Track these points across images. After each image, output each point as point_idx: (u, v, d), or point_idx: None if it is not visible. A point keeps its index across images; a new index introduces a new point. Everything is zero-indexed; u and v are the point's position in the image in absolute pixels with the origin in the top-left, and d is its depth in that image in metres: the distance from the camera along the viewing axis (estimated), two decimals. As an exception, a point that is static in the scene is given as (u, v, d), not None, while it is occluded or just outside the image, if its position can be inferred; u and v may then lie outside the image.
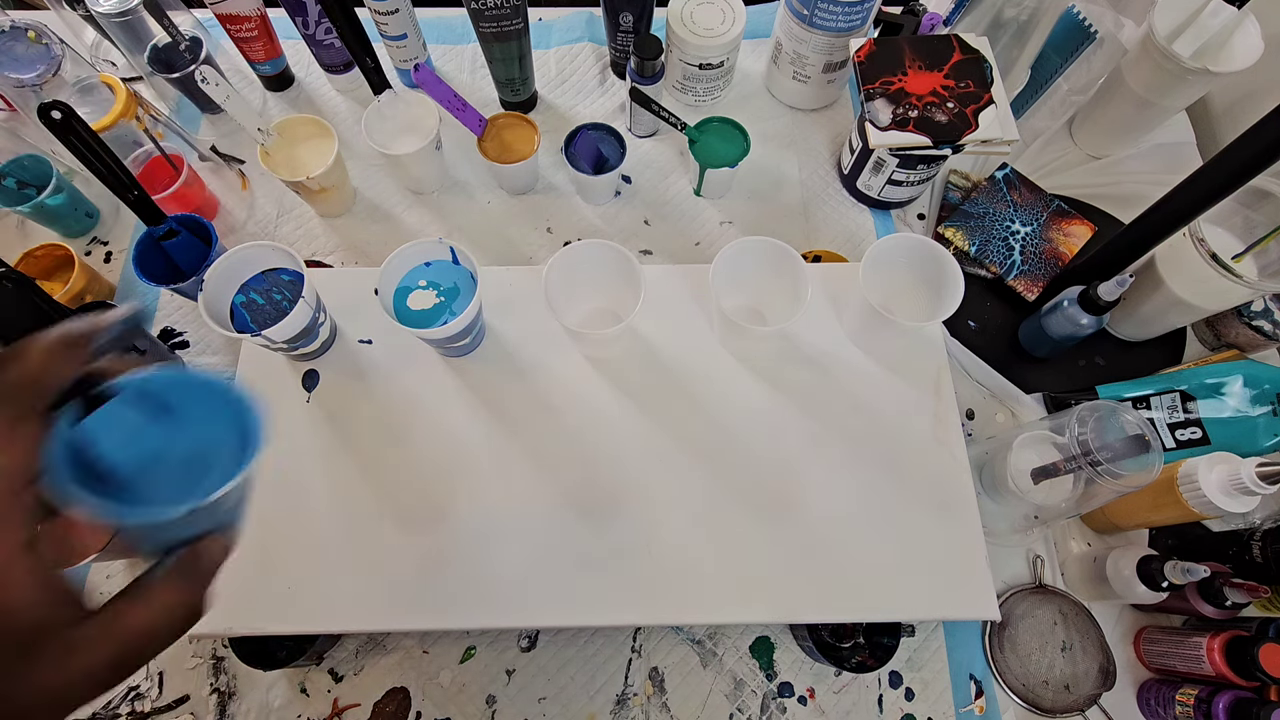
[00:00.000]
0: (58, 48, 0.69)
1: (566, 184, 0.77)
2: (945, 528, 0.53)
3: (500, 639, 0.59)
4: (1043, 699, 0.57)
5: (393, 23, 0.73)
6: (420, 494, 0.53)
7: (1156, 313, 0.65)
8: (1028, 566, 0.62)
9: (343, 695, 0.57)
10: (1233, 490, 0.50)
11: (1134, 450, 0.48)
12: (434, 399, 0.56)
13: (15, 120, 0.73)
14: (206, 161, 0.74)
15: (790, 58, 0.76)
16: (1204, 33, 0.63)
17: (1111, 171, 0.79)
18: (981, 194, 0.73)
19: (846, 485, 0.54)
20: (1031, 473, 0.54)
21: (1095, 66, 0.75)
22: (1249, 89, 0.77)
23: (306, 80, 0.82)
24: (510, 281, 0.60)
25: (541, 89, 0.82)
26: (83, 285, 0.66)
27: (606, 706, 0.57)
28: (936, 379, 0.57)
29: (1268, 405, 0.62)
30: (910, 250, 0.55)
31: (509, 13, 0.67)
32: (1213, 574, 0.54)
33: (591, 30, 0.85)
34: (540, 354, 0.58)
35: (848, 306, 0.59)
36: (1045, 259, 0.70)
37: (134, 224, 0.75)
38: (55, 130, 0.50)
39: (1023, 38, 0.68)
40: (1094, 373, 0.69)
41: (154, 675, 0.57)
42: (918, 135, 0.62)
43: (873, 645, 0.56)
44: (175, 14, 0.71)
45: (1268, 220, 0.59)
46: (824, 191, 0.77)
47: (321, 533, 0.52)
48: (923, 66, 0.64)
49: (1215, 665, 0.52)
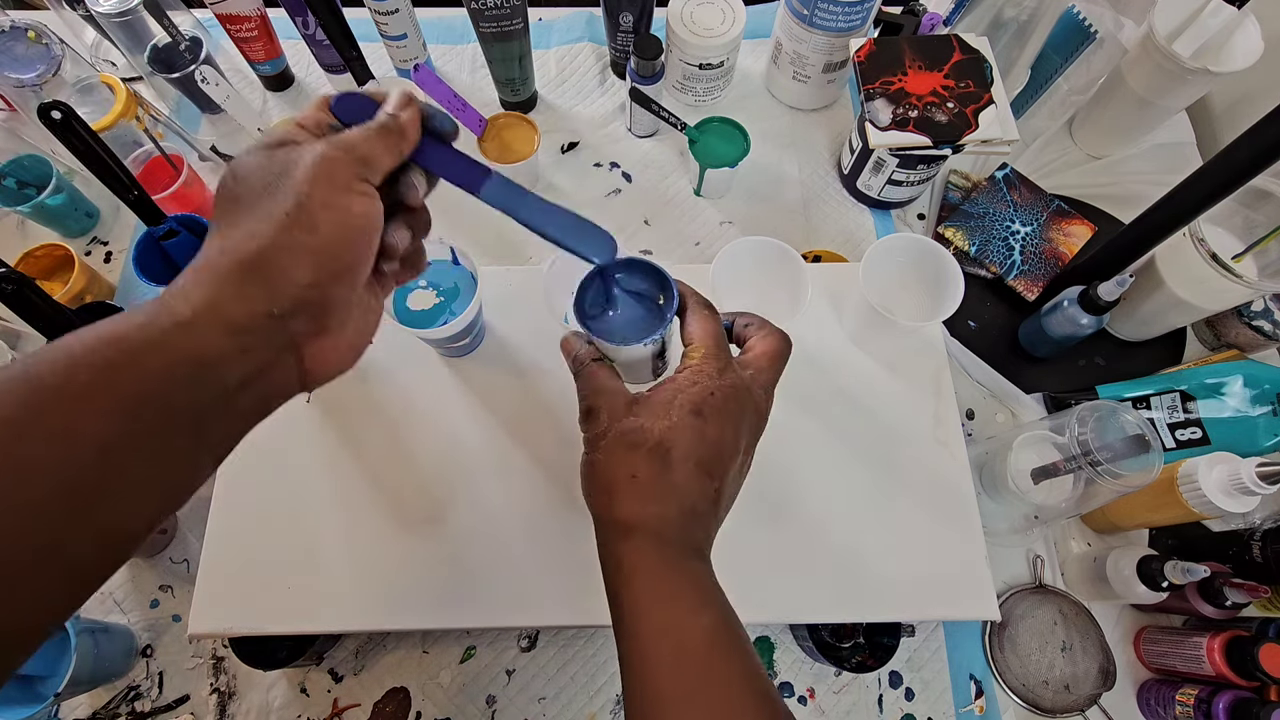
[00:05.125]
0: (58, 48, 0.69)
1: (566, 184, 0.77)
2: (945, 527, 0.53)
3: (500, 639, 0.59)
4: (1043, 699, 0.57)
5: (393, 23, 0.73)
6: (420, 493, 0.53)
7: (1156, 313, 0.65)
8: (1028, 566, 0.62)
9: (343, 695, 0.57)
10: (1233, 490, 0.50)
11: (1134, 450, 0.48)
12: (434, 399, 0.56)
13: (15, 120, 0.73)
14: (206, 161, 0.75)
15: (790, 58, 0.76)
16: (1204, 33, 0.63)
17: (1111, 171, 0.79)
18: (981, 194, 0.73)
19: (846, 485, 0.54)
20: (1031, 473, 0.54)
21: (1095, 66, 0.75)
22: (1249, 89, 0.77)
23: (306, 80, 0.82)
24: (510, 281, 0.60)
25: (541, 89, 0.82)
26: (83, 285, 0.66)
27: (606, 706, 0.57)
28: (936, 379, 0.57)
29: (1268, 405, 0.62)
30: (910, 250, 0.55)
31: (509, 13, 0.67)
32: (1213, 574, 0.54)
33: (591, 30, 0.85)
34: (540, 354, 0.58)
35: (848, 306, 0.59)
36: (1045, 259, 0.70)
37: (134, 224, 0.75)
38: (55, 130, 0.50)
39: (1023, 38, 0.68)
40: (1094, 373, 0.69)
41: (154, 675, 0.57)
42: (918, 135, 0.62)
43: (873, 645, 0.56)
44: (175, 14, 0.71)
45: (1268, 220, 0.59)
46: (824, 191, 0.77)
47: (321, 533, 0.52)
48: (923, 66, 0.64)
49: (1215, 665, 0.52)
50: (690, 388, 0.33)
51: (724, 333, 0.36)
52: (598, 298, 0.36)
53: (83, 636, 0.51)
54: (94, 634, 0.53)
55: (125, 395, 0.24)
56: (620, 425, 0.33)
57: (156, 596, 0.60)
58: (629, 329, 0.36)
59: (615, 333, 0.35)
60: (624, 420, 0.33)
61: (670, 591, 0.31)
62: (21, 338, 0.65)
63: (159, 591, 0.60)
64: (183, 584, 0.60)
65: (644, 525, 0.32)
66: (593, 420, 0.34)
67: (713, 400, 0.33)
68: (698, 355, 0.34)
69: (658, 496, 0.32)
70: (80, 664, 0.51)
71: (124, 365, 0.24)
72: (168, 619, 0.59)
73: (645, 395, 0.34)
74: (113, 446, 0.24)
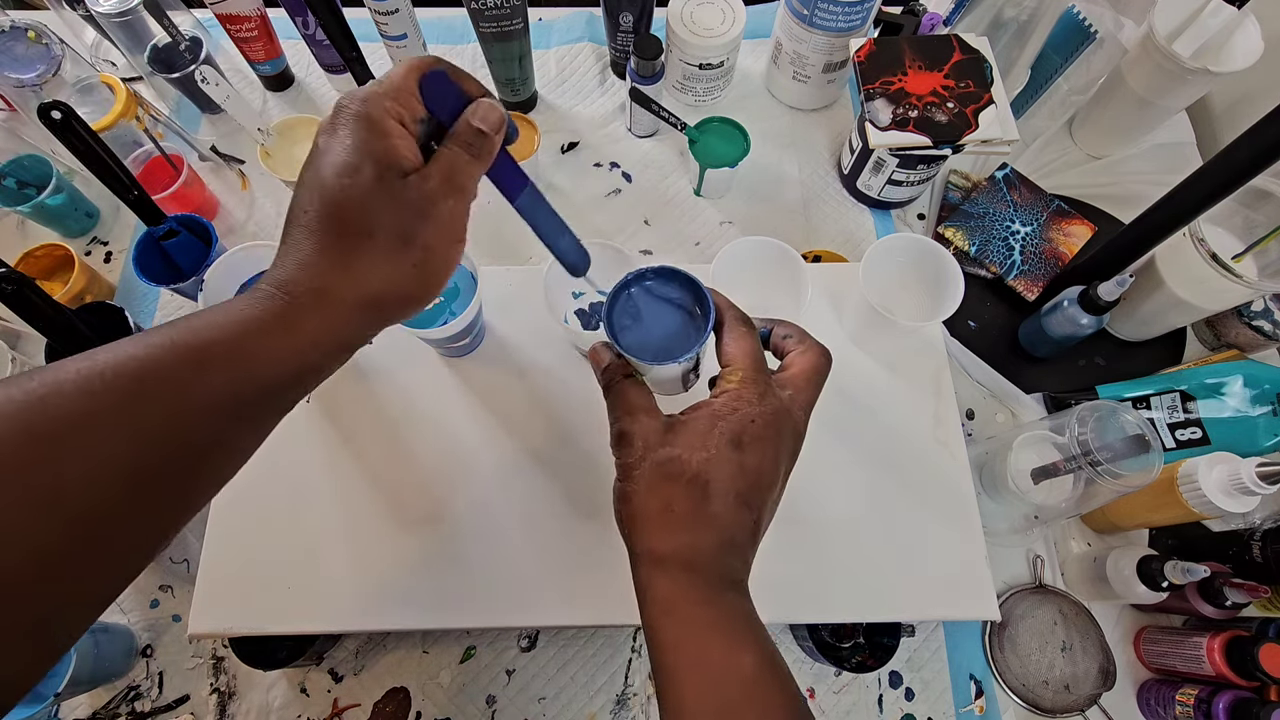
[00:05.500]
0: (58, 48, 0.69)
1: (566, 183, 0.77)
2: (945, 527, 0.53)
3: (500, 639, 0.59)
4: (1043, 699, 0.57)
5: (393, 23, 0.73)
6: (420, 493, 0.53)
7: (1156, 313, 0.65)
8: (1028, 566, 0.62)
9: (343, 695, 0.57)
10: (1233, 490, 0.50)
11: (1134, 450, 0.48)
12: (434, 399, 0.56)
13: (15, 120, 0.73)
14: (206, 161, 0.75)
15: (790, 58, 0.76)
16: (1204, 33, 0.63)
17: (1111, 171, 0.79)
18: (981, 194, 0.73)
19: (846, 485, 0.54)
20: (1031, 473, 0.54)
21: (1095, 66, 0.75)
22: (1249, 89, 0.77)
23: (306, 80, 0.82)
24: (510, 281, 0.60)
25: (541, 89, 0.82)
26: (83, 285, 0.66)
27: (607, 706, 0.57)
28: (936, 379, 0.57)
29: (1268, 405, 0.62)
30: (910, 250, 0.55)
31: (509, 13, 0.67)
32: (1213, 574, 0.54)
33: (591, 30, 0.85)
34: (540, 354, 0.58)
35: (848, 306, 0.59)
36: (1045, 259, 0.70)
37: (134, 224, 0.75)
38: (55, 130, 0.50)
39: (1023, 38, 0.68)
40: (1094, 373, 0.69)
41: (154, 675, 0.57)
42: (918, 135, 0.62)
43: (873, 645, 0.56)
44: (175, 14, 0.71)
45: (1268, 220, 0.59)
46: (824, 191, 0.77)
47: (321, 533, 0.52)
48: (923, 66, 0.64)
49: (1215, 665, 0.52)
50: (729, 415, 0.32)
51: (763, 353, 0.35)
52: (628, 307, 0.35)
53: (83, 637, 0.51)
54: (94, 634, 0.53)
55: (231, 396, 0.28)
56: (656, 455, 0.32)
57: (156, 596, 0.60)
58: (662, 347, 0.34)
59: (648, 349, 0.34)
60: (659, 450, 0.32)
61: (707, 624, 0.30)
62: (21, 338, 0.65)
63: (159, 591, 0.60)
64: (183, 584, 0.60)
65: (680, 557, 0.31)
66: (626, 447, 0.33)
67: (753, 429, 0.32)
68: (735, 379, 0.33)
69: (696, 529, 0.31)
70: (80, 664, 0.51)
71: (244, 379, 0.28)
72: (168, 619, 0.59)
73: (681, 420, 0.33)
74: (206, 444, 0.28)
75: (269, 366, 0.28)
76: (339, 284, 0.29)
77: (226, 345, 0.27)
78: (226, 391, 0.27)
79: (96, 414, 0.24)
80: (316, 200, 0.29)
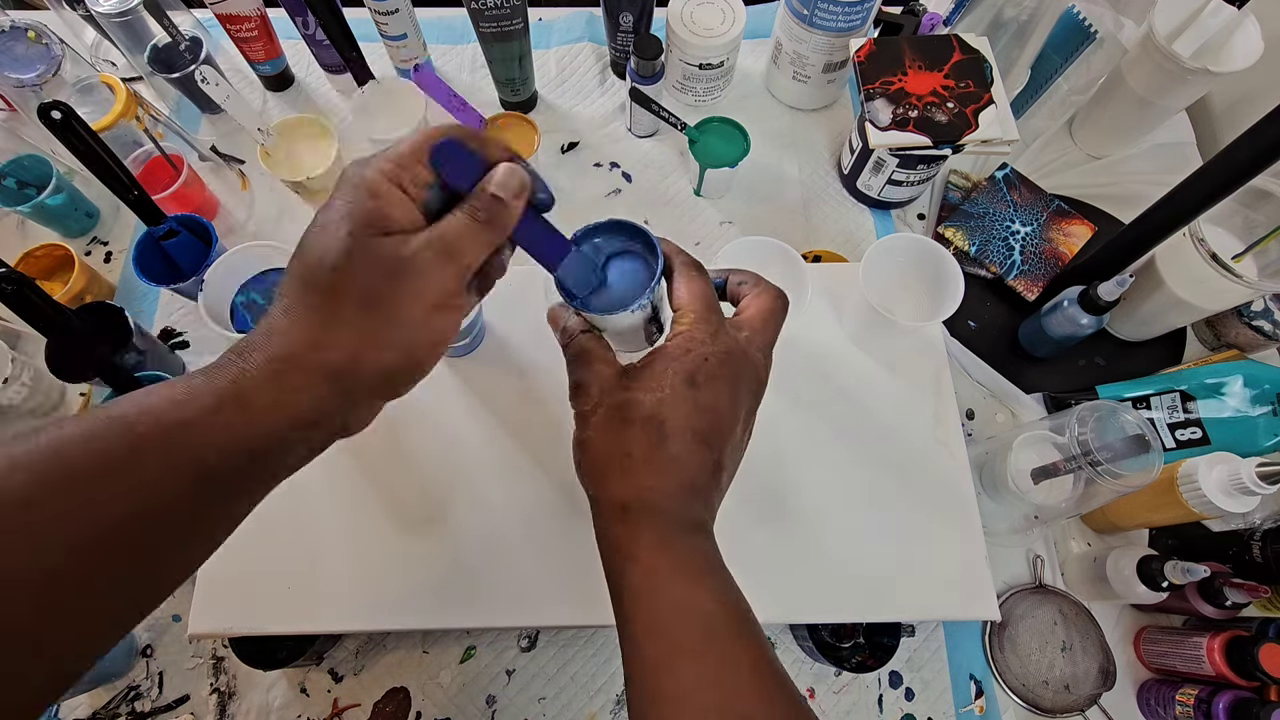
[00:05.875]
0: (58, 48, 0.69)
1: (566, 183, 0.77)
2: (945, 527, 0.53)
3: (500, 639, 0.59)
4: (1043, 699, 0.57)
5: (393, 23, 0.73)
6: (420, 493, 0.53)
7: (1156, 313, 0.65)
8: (1028, 566, 0.62)
9: (343, 695, 0.57)
10: (1233, 490, 0.50)
11: (1134, 450, 0.48)
12: (434, 399, 0.56)
13: (15, 120, 0.73)
14: (206, 161, 0.75)
15: (790, 58, 0.76)
16: (1204, 33, 0.63)
17: (1111, 171, 0.79)
18: (981, 194, 0.73)
19: (846, 485, 0.54)
20: (1031, 473, 0.54)
21: (1095, 66, 0.75)
22: (1249, 89, 0.77)
23: (306, 80, 0.82)
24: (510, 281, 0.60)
25: (541, 89, 0.82)
26: (83, 285, 0.66)
27: (606, 706, 0.57)
28: (936, 379, 0.57)
29: (1268, 405, 0.62)
30: (910, 250, 0.55)
31: (509, 13, 0.67)
32: (1213, 574, 0.54)
33: (591, 30, 0.85)
34: (540, 354, 0.58)
35: (848, 306, 0.59)
36: (1045, 259, 0.70)
37: (134, 224, 0.75)
38: (55, 130, 0.50)
39: (1023, 38, 0.68)
40: (1094, 373, 0.69)
41: (154, 675, 0.57)
42: (918, 135, 0.62)
43: (873, 645, 0.56)
44: (175, 14, 0.71)
45: (1268, 220, 0.59)
46: (824, 191, 0.77)
47: (321, 533, 0.52)
48: (923, 66, 0.64)
49: (1215, 665, 0.52)
50: (682, 356, 0.31)
51: (714, 293, 0.34)
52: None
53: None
54: (94, 634, 0.53)
55: (178, 471, 0.26)
56: (611, 400, 0.32)
57: (156, 596, 0.60)
58: (613, 296, 0.34)
59: (600, 300, 0.34)
60: (615, 394, 0.32)
61: (671, 567, 0.30)
62: (21, 338, 0.65)
63: (159, 591, 0.60)
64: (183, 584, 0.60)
65: (641, 502, 0.30)
66: (582, 395, 0.33)
67: (707, 367, 0.31)
68: (687, 320, 0.33)
69: (654, 471, 0.30)
70: (80, 664, 0.50)
71: (180, 448, 0.26)
72: (168, 619, 0.59)
73: (636, 366, 0.33)
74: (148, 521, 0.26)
75: (217, 442, 0.26)
76: (300, 350, 0.27)
77: (161, 425, 0.25)
78: (161, 474, 0.25)
79: (36, 503, 0.23)
80: (294, 262, 0.28)
